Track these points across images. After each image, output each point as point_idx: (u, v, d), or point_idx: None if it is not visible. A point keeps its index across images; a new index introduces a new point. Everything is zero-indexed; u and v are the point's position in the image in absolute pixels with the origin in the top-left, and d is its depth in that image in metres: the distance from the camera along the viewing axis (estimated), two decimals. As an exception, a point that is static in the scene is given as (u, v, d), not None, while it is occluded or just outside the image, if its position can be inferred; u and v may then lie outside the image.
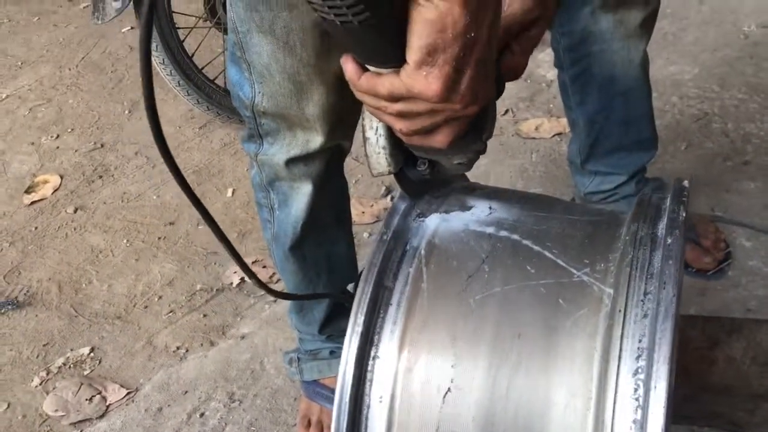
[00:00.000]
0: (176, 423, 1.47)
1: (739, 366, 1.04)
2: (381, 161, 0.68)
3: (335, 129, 1.05)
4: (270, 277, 1.75)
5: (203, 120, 2.37)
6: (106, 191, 2.14)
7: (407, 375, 0.64)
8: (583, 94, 1.41)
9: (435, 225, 0.73)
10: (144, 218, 2.02)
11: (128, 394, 1.54)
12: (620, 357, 0.59)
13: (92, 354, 1.64)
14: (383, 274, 0.68)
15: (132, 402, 1.52)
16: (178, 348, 1.62)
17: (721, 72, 2.20)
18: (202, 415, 1.47)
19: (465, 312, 0.65)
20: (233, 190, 2.07)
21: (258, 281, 0.75)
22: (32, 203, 2.13)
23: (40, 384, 1.58)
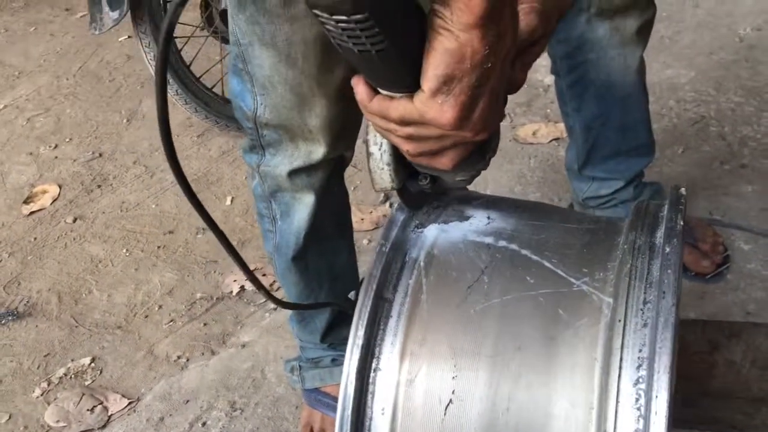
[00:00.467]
0: (178, 433, 1.47)
1: (739, 370, 1.04)
2: (384, 177, 0.68)
3: (338, 140, 1.05)
4: (270, 285, 1.75)
5: (201, 128, 2.37)
6: (105, 201, 2.14)
7: (409, 387, 0.65)
8: (581, 101, 1.42)
9: (434, 236, 0.73)
10: (143, 227, 2.02)
11: (130, 404, 1.54)
12: (621, 367, 0.59)
13: (93, 364, 1.64)
14: (383, 286, 0.68)
15: (133, 412, 1.53)
16: (179, 357, 1.62)
17: (717, 75, 2.21)
18: (204, 425, 1.48)
19: (465, 323, 0.65)
20: (232, 198, 2.08)
21: (265, 291, 0.75)
22: (31, 213, 2.13)
23: (42, 395, 1.58)
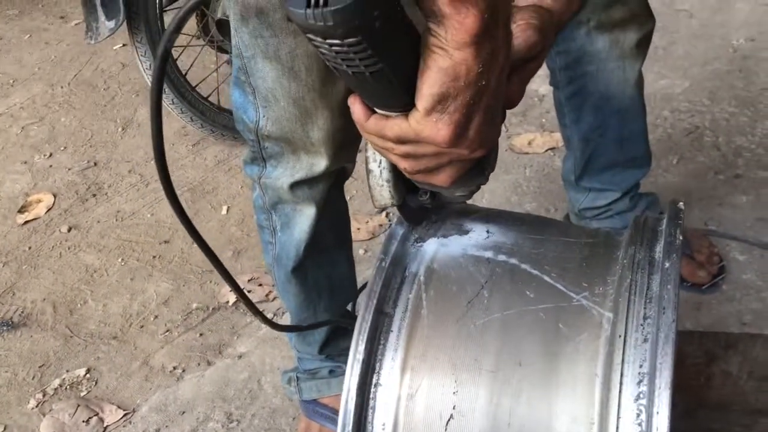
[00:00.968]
0: (173, 444, 1.47)
1: (736, 381, 1.04)
2: (384, 194, 0.68)
3: (340, 152, 1.05)
4: (266, 295, 1.75)
5: (197, 137, 2.37)
6: (100, 210, 2.14)
7: (409, 402, 0.65)
8: (579, 113, 1.42)
9: (433, 250, 0.73)
10: (138, 237, 2.01)
11: (125, 416, 1.53)
12: (621, 382, 0.59)
13: (88, 375, 1.63)
14: (383, 301, 0.69)
15: (129, 423, 1.52)
16: (175, 368, 1.62)
17: (712, 86, 2.22)
18: (200, 436, 1.47)
19: (465, 338, 0.65)
20: (228, 208, 2.07)
21: (261, 315, 0.75)
22: (26, 223, 2.12)
23: (37, 406, 1.57)
